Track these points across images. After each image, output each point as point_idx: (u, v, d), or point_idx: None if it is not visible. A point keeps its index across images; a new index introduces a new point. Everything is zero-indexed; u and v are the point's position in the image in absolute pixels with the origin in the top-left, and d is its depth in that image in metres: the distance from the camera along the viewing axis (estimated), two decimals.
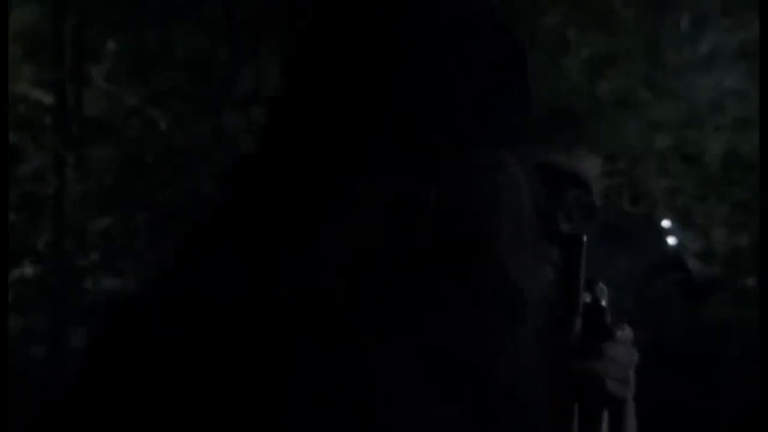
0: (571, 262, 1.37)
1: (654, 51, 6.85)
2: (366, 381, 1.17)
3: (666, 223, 5.64)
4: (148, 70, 6.23)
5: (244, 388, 1.14)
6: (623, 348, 1.31)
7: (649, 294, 5.20)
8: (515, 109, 1.25)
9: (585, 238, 1.38)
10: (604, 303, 1.36)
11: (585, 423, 1.29)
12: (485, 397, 1.24)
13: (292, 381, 1.16)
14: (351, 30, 1.22)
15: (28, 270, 6.29)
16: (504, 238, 1.21)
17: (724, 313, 5.87)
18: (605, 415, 1.31)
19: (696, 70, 6.72)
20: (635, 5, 6.87)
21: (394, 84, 1.18)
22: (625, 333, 1.33)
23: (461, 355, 1.21)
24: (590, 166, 6.29)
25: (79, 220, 6.26)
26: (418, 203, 1.19)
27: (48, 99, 6.36)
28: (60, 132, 6.34)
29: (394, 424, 1.18)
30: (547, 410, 1.27)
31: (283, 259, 1.19)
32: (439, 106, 1.19)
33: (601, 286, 1.37)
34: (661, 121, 6.64)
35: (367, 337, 1.17)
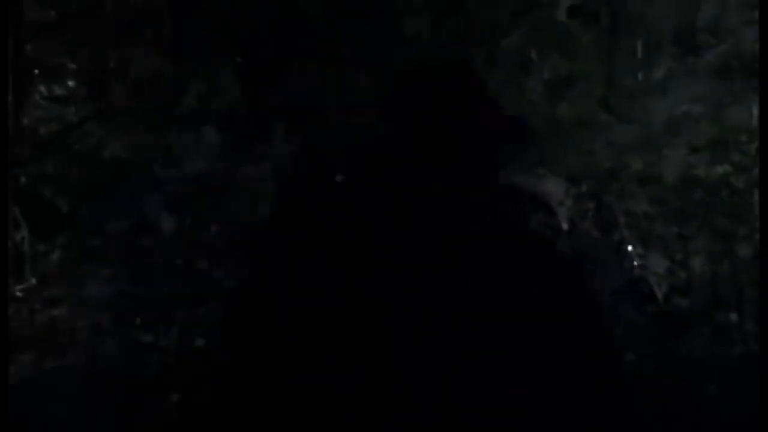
0: None
1: (611, 75, 6.93)
2: None
3: (632, 250, 5.56)
4: (94, 87, 6.16)
5: None
6: None
7: (624, 326, 5.11)
8: None
9: None
10: None
11: None
12: None
13: None
14: None
15: None
16: None
17: (703, 350, 5.76)
18: None
19: (652, 94, 6.80)
20: (592, 31, 6.96)
21: None
22: None
23: None
24: (554, 187, 6.30)
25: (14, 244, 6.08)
26: None
27: None
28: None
29: None
30: None
31: None
32: None
33: None
34: (620, 142, 6.68)
35: None
